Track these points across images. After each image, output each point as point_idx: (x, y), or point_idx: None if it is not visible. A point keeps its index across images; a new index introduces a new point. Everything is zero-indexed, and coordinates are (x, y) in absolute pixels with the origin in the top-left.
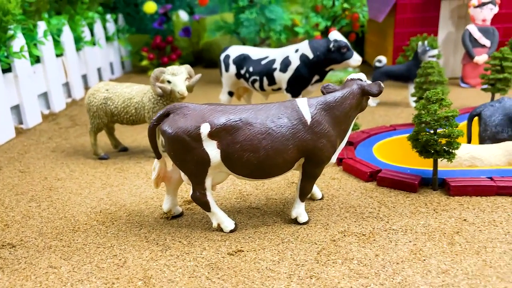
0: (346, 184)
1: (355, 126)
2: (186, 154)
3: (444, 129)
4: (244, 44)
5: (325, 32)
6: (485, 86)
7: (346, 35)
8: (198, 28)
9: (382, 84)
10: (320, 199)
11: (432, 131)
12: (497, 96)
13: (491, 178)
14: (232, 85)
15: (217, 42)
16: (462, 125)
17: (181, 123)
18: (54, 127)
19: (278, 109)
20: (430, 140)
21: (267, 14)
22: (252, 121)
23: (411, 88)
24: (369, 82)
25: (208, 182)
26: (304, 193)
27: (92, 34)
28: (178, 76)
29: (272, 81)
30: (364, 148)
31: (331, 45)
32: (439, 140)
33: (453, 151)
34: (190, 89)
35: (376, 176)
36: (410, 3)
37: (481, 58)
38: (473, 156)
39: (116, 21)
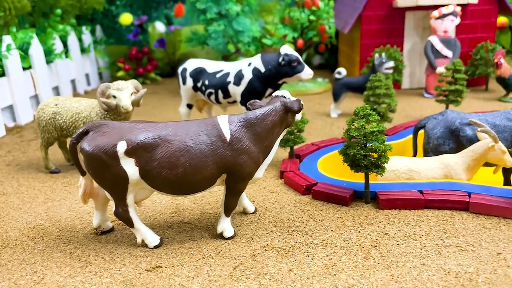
0: (282, 198)
1: (299, 139)
2: (105, 172)
3: (371, 144)
4: (230, 55)
5: (293, 43)
6: (441, 97)
7: (316, 46)
8: (173, 39)
9: (301, 101)
10: (252, 213)
11: (360, 146)
12: (451, 107)
13: (421, 192)
14: (190, 98)
15: (193, 53)
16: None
17: (98, 141)
18: (16, 140)
19: (198, 126)
20: (357, 155)
21: (235, 26)
22: (171, 139)
23: None
24: (293, 99)
25: (129, 199)
26: (229, 208)
27: (65, 46)
28: (123, 91)
29: (227, 94)
30: (309, 161)
31: (281, 59)
32: (371, 155)
33: (382, 165)
34: (136, 103)
35: (311, 190)
36: (374, 15)
37: (443, 69)
38: (410, 169)
39: (94, 32)
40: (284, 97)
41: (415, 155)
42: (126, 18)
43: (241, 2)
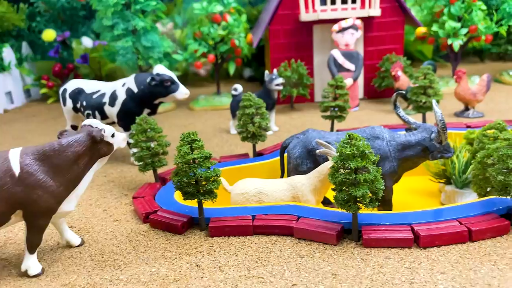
0: (121, 227)
1: (159, 163)
2: None
3: (194, 170)
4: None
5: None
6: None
7: (233, 59)
8: (98, 55)
9: (104, 131)
10: (78, 246)
11: (185, 173)
12: (335, 123)
13: (253, 217)
14: (73, 118)
15: (120, 69)
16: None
17: None
18: None
19: None
20: (181, 182)
21: (143, 42)
22: None
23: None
24: (102, 127)
25: None
26: (32, 245)
27: None
28: None
29: (104, 115)
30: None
31: (149, 79)
32: (200, 181)
33: (213, 191)
34: None
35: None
36: (282, 29)
37: (347, 82)
38: (260, 192)
39: (20, 49)
40: (91, 126)
41: (282, 175)
42: (48, 34)
43: (150, 18)
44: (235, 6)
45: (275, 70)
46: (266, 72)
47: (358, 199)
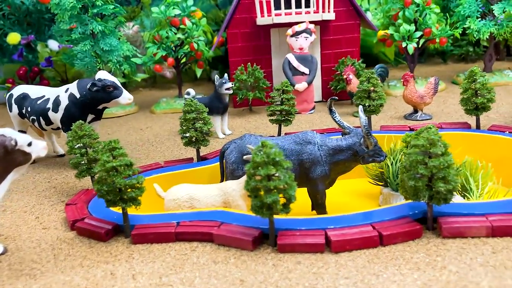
0: (48, 235)
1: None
2: None
3: (113, 179)
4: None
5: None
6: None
7: (195, 62)
8: (58, 58)
9: (15, 140)
10: (0, 254)
11: (104, 181)
12: (282, 127)
13: (177, 223)
14: (20, 124)
15: (86, 72)
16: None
17: None
18: None
19: None
20: (102, 190)
21: (102, 46)
22: None
23: (216, 120)
24: (16, 136)
25: None
26: None
27: None
28: None
29: (48, 121)
30: None
31: (89, 85)
32: (125, 188)
33: (137, 198)
34: None
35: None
36: (240, 32)
37: (301, 85)
38: (191, 197)
39: None
40: (4, 135)
41: (222, 180)
42: (13, 38)
43: (108, 22)
44: (194, 9)
45: (226, 74)
46: (216, 76)
47: (270, 205)
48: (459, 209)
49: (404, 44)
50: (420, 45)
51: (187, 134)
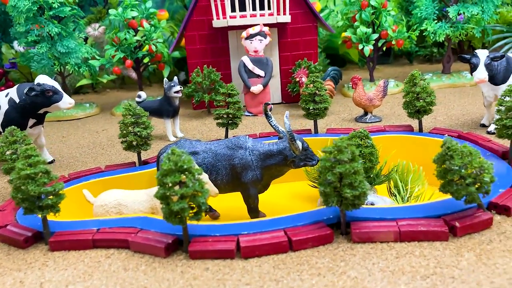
0: None
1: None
2: None
3: (28, 186)
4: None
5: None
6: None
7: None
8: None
9: None
10: None
11: (18, 189)
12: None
13: (97, 230)
14: None
15: (52, 74)
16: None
17: None
18: None
19: None
20: (16, 198)
21: (59, 48)
22: None
23: (167, 123)
24: None
25: None
26: None
27: None
28: None
29: None
30: None
31: (26, 90)
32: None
33: (55, 206)
34: None
35: None
36: (198, 34)
37: (256, 88)
38: (119, 203)
39: None
40: None
41: None
42: None
43: (67, 25)
44: (154, 11)
45: (175, 77)
46: (165, 79)
47: (178, 213)
48: (372, 214)
49: (360, 47)
50: (379, 47)
51: (126, 139)
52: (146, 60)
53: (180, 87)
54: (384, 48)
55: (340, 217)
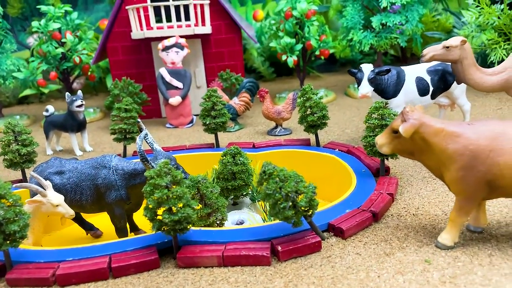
0: None
1: None
2: None
3: None
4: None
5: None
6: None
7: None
8: None
9: None
10: None
11: None
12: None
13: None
14: None
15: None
16: None
17: None
18: None
19: None
20: None
21: None
22: None
23: (72, 137)
24: None
25: None
26: None
27: None
28: None
29: None
30: None
31: None
32: None
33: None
34: None
35: None
36: (121, 46)
37: (175, 100)
38: None
39: None
40: None
41: None
42: None
43: None
44: (79, 22)
45: (79, 92)
46: (67, 93)
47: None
48: (206, 237)
49: (283, 58)
50: (309, 57)
51: (6, 157)
52: (76, 71)
53: (82, 102)
54: (318, 58)
55: (172, 241)
